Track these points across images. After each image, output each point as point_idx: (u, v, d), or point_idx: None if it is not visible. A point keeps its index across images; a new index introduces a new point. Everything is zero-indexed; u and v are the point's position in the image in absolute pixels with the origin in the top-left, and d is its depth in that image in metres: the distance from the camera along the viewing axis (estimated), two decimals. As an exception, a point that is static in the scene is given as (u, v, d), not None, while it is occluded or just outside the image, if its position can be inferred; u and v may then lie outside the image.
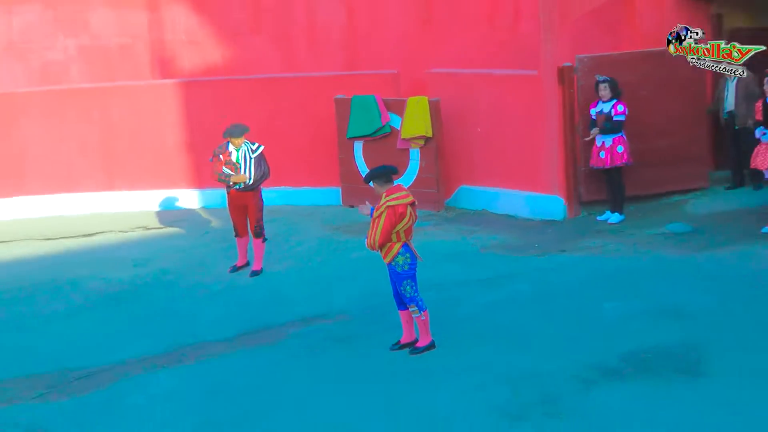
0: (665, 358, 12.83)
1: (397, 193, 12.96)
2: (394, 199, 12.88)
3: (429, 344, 13.38)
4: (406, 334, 13.56)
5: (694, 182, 18.77)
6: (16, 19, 22.84)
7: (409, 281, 13.11)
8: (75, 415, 12.64)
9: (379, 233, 12.89)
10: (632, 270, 15.91)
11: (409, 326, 13.49)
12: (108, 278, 17.23)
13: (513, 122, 18.99)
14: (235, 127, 17.20)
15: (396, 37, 21.64)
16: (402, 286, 13.11)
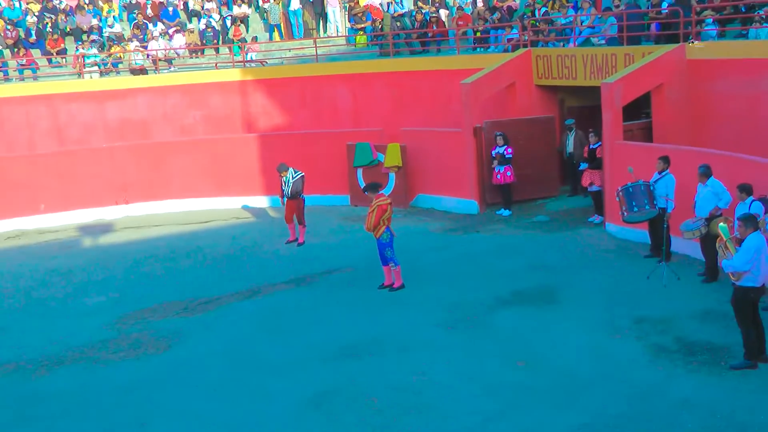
0: (534, 293, 13.03)
1: (382, 197, 13.39)
2: (382, 201, 13.27)
3: (400, 286, 13.49)
4: (387, 279, 13.60)
5: (550, 192, 18.71)
6: (167, 100, 22.63)
7: (389, 249, 13.36)
8: (197, 325, 12.80)
9: (373, 221, 13.19)
10: (516, 242, 15.98)
11: (388, 275, 13.58)
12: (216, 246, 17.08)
13: (448, 157, 18.88)
14: (280, 164, 17.26)
15: (381, 110, 21.54)
16: (384, 251, 13.37)
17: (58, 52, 24.81)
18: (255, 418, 9.38)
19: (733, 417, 8.60)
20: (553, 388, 9.58)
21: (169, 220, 19.84)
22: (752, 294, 9.59)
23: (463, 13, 22.48)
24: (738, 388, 9.22)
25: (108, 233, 19.31)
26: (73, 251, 17.86)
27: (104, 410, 9.88)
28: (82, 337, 12.45)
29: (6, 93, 22.39)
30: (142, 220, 20.05)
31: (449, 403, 9.38)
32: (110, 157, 21.06)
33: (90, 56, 24.29)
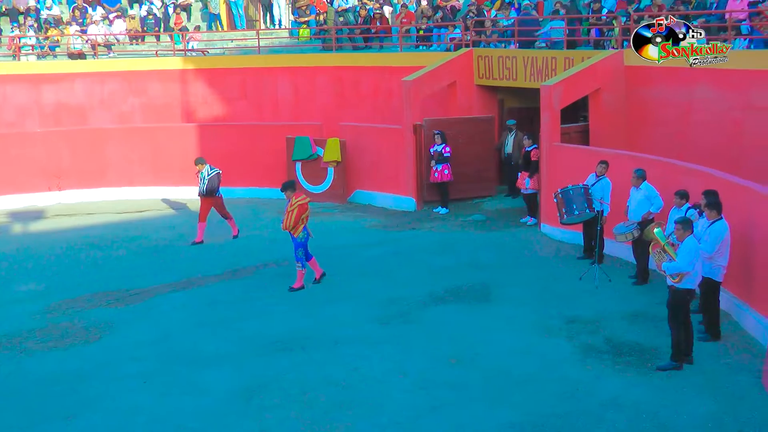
0: (469, 291, 13.06)
1: (301, 195, 13.13)
2: (302, 200, 12.97)
3: (300, 287, 13.15)
4: (317, 271, 13.49)
5: (487, 192, 18.78)
6: (106, 87, 22.18)
7: (302, 249, 13.05)
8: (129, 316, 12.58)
9: (293, 219, 12.85)
10: (452, 240, 15.98)
11: (316, 267, 13.42)
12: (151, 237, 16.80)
13: (386, 154, 18.89)
14: (198, 158, 16.80)
15: (321, 104, 21.46)
16: (297, 250, 13.05)
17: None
18: (185, 410, 9.24)
19: (657, 416, 8.73)
20: (485, 386, 9.62)
21: (104, 209, 19.46)
22: (689, 296, 9.79)
23: (407, 10, 22.47)
24: (663, 388, 9.36)
25: (40, 220, 18.87)
26: (2, 237, 17.43)
27: (29, 401, 9.64)
28: (9, 325, 12.17)
29: (-63, 73, 21.75)
30: (76, 208, 19.64)
31: (381, 398, 9.36)
32: (44, 142, 20.57)
33: (26, 38, 23.67)
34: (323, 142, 19.38)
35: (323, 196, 19.47)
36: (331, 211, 18.60)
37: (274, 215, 18.22)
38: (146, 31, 25.04)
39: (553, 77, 16.84)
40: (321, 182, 19.51)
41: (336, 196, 19.38)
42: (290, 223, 12.81)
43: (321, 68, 21.76)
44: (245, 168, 20.28)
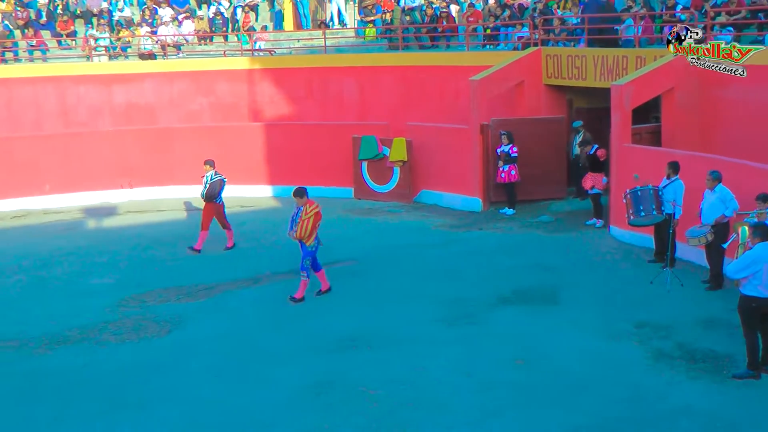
0: (535, 293, 13.02)
1: (314, 204, 12.58)
2: (316, 208, 12.53)
3: (301, 299, 12.76)
4: (323, 284, 13.08)
5: (555, 194, 18.66)
6: (174, 86, 22.66)
7: (309, 258, 12.59)
8: (198, 311, 12.85)
9: (309, 228, 12.40)
10: (518, 241, 15.99)
11: (323, 279, 13.03)
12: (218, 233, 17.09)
13: (453, 154, 18.91)
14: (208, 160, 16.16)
15: (387, 104, 21.57)
16: (304, 259, 12.55)
17: (67, 34, 24.87)
18: (254, 404, 9.42)
19: (734, 427, 8.55)
20: (551, 388, 9.58)
21: (173, 206, 19.90)
22: (754, 303, 9.43)
23: (474, 9, 22.49)
24: (740, 398, 9.17)
25: (112, 216, 19.42)
26: (76, 232, 17.98)
27: (104, 391, 9.89)
28: (84, 317, 12.52)
29: (15, 73, 22.47)
30: (146, 205, 20.14)
31: (446, 398, 9.40)
32: (116, 140, 21.15)
33: (100, 39, 24.32)
34: (389, 142, 19.53)
35: (389, 195, 19.65)
36: (397, 211, 18.77)
37: (340, 214, 18.54)
38: (214, 32, 25.51)
39: (624, 76, 16.69)
40: (387, 182, 19.69)
41: (401, 195, 19.53)
42: (306, 232, 12.40)
43: (387, 68, 21.83)
44: (311, 167, 20.53)
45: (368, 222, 17.97)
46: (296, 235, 12.46)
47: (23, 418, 9.32)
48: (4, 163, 20.32)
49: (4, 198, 20.11)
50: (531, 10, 21.36)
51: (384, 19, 23.92)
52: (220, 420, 9.11)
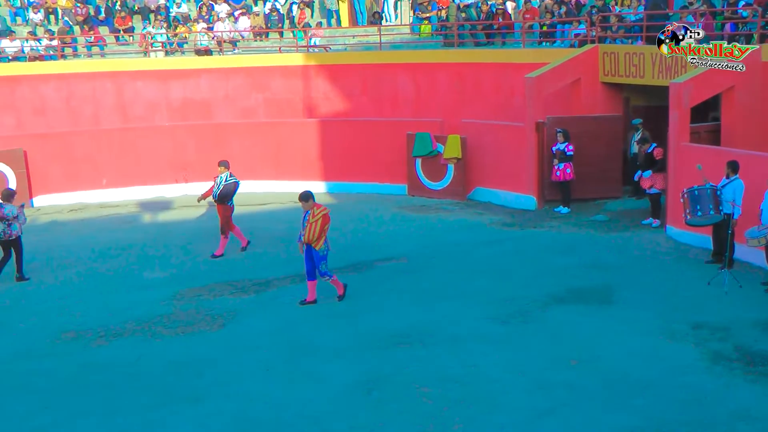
0: (590, 292, 12.93)
1: (321, 206, 12.37)
2: (324, 210, 12.30)
3: (343, 293, 12.83)
4: (311, 294, 12.71)
5: (611, 193, 18.52)
6: (230, 82, 22.89)
7: (324, 262, 12.39)
8: (251, 305, 13.02)
9: (317, 231, 12.14)
10: (573, 240, 15.90)
11: (313, 290, 12.69)
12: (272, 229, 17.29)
13: (507, 151, 18.86)
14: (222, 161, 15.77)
15: (441, 101, 21.54)
16: (319, 264, 12.34)
17: (125, 30, 25.28)
18: (305, 399, 9.50)
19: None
20: (605, 389, 9.49)
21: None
22: None
23: (530, 6, 22.35)
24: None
25: (166, 210, 19.71)
26: (132, 226, 18.30)
27: (158, 383, 10.08)
28: (139, 310, 12.75)
29: (74, 68, 22.91)
30: (201, 200, 20.35)
31: (499, 397, 9.37)
32: (172, 135, 21.47)
33: (157, 35, 24.68)
34: (444, 139, 19.53)
35: (443, 193, 19.64)
36: (451, 208, 18.76)
37: (394, 211, 18.60)
38: (270, 28, 25.71)
39: (684, 74, 16.45)
40: (441, 179, 19.68)
41: (455, 193, 19.51)
42: (314, 235, 12.14)
43: (442, 64, 21.81)
44: (365, 163, 20.65)
45: (421, 219, 17.98)
46: (304, 239, 12.24)
47: (79, 408, 9.54)
48: (63, 158, 20.76)
49: (62, 191, 20.54)
50: (588, 7, 21.16)
51: (440, 16, 23.89)
52: (271, 415, 9.20)
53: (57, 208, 20.13)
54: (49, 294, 13.88)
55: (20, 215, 14.40)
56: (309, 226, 12.14)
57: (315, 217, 12.15)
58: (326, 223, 12.24)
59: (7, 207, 14.26)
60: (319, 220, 12.13)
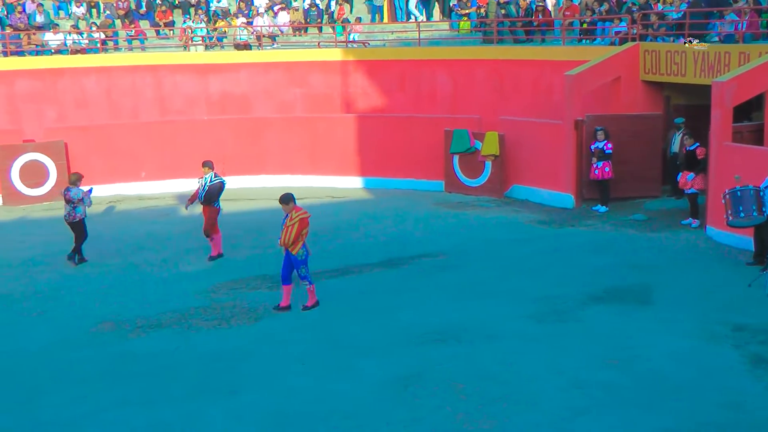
0: (627, 292, 12.81)
1: (301, 210, 12.06)
2: (303, 214, 11.99)
3: (314, 303, 12.37)
4: (285, 300, 12.40)
5: (650, 192, 18.34)
6: (269, 77, 22.97)
7: (303, 266, 12.06)
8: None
9: (293, 235, 11.84)
10: (611, 240, 15.78)
11: (287, 296, 12.38)
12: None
13: (545, 149, 18.77)
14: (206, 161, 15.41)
15: (479, 97, 21.44)
16: (299, 269, 12.03)
17: (166, 24, 25.48)
18: (340, 394, 9.51)
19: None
20: (642, 389, 9.39)
21: (264, 195, 20.20)
22: None
23: (571, 3, 22.16)
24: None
25: (204, 204, 19.80)
26: (170, 219, 18.47)
27: (194, 375, 10.17)
28: (177, 302, 12.87)
29: (115, 62, 23.13)
30: (238, 193, 20.46)
31: (535, 396, 9.30)
32: (210, 129, 21.58)
33: (197, 30, 24.84)
34: (481, 136, 19.46)
35: (480, 190, 19.58)
36: (487, 206, 18.70)
37: (430, 208, 18.59)
38: (309, 23, 25.77)
39: (726, 73, 16.22)
40: (478, 176, 19.61)
41: (492, 190, 19.43)
42: (290, 239, 11.84)
43: (480, 61, 21.73)
44: (402, 159, 20.64)
45: (458, 216, 17.93)
46: (280, 242, 11.96)
47: (117, 398, 9.62)
48: (103, 150, 20.98)
49: (102, 183, 20.73)
50: (629, 5, 20.93)
51: (479, 12, 23.78)
52: (307, 409, 9.21)
53: (96, 200, 20.03)
54: (87, 284, 14.07)
55: (85, 199, 15.05)
56: (285, 229, 11.85)
57: (292, 220, 11.84)
58: (303, 227, 11.90)
59: (73, 190, 14.97)
60: (296, 224, 11.81)
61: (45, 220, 19.01)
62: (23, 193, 20.46)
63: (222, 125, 21.76)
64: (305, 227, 11.97)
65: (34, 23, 24.68)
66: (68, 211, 15.01)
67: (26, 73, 22.18)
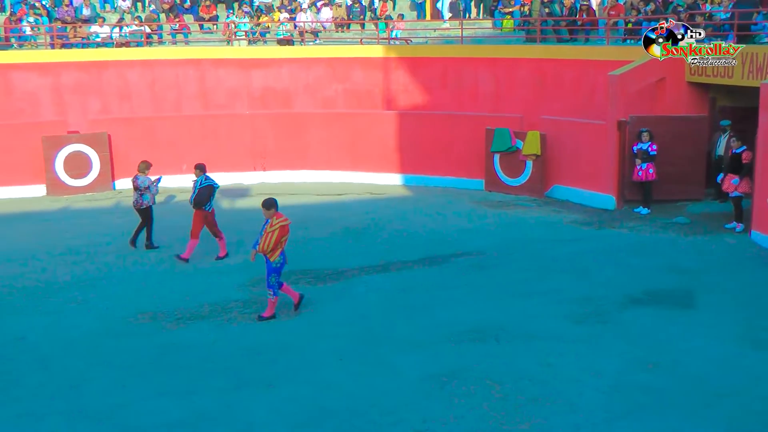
0: (669, 295, 12.69)
1: (282, 217, 11.71)
2: (284, 221, 11.67)
3: (270, 316, 11.89)
4: (294, 297, 12.22)
5: (694, 195, 18.15)
6: (311, 72, 23.01)
7: (275, 275, 11.71)
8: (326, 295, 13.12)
9: (272, 242, 11.50)
10: (652, 242, 15.64)
11: (291, 292, 12.16)
12: (348, 220, 17.36)
13: (587, 150, 18.64)
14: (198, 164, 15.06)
15: (522, 96, 21.30)
16: (269, 276, 11.71)
17: (209, 18, 25.65)
18: (378, 390, 9.50)
19: None
20: (683, 394, 9.27)
21: (304, 190, 20.31)
22: None
23: (616, 2, 21.96)
24: None
25: (244, 197, 19.96)
26: (210, 212, 18.51)
27: (233, 368, 10.20)
28: (215, 295, 12.94)
29: (159, 55, 23.32)
30: (278, 188, 20.60)
31: (574, 397, 9.22)
32: (251, 123, 21.71)
33: (240, 24, 24.98)
34: (523, 135, 19.37)
35: (520, 189, 19.48)
36: (528, 205, 18.61)
37: (470, 206, 18.54)
38: (352, 19, 25.80)
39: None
40: (519, 175, 19.53)
41: (533, 190, 19.33)
42: (269, 246, 11.50)
43: (523, 60, 21.58)
44: (442, 157, 20.62)
45: (498, 215, 17.86)
46: (259, 248, 11.61)
47: (157, 387, 9.71)
48: (145, 142, 21.18)
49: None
50: (675, 5, 20.68)
51: (522, 11, 23.65)
52: (344, 404, 9.21)
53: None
54: (127, 275, 14.20)
55: (151, 187, 15.48)
56: (265, 235, 11.56)
57: (273, 227, 11.54)
58: (283, 234, 11.61)
59: (141, 177, 15.40)
60: (276, 231, 11.52)
61: (87, 210, 19.27)
62: (67, 183, 20.74)
63: (263, 120, 21.88)
64: (285, 234, 11.65)
65: (80, 16, 25.00)
66: (135, 197, 15.46)
67: (72, 65, 22.45)
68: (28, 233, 17.17)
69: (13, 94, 22.07)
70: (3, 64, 21.97)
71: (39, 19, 24.48)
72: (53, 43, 23.46)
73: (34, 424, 8.86)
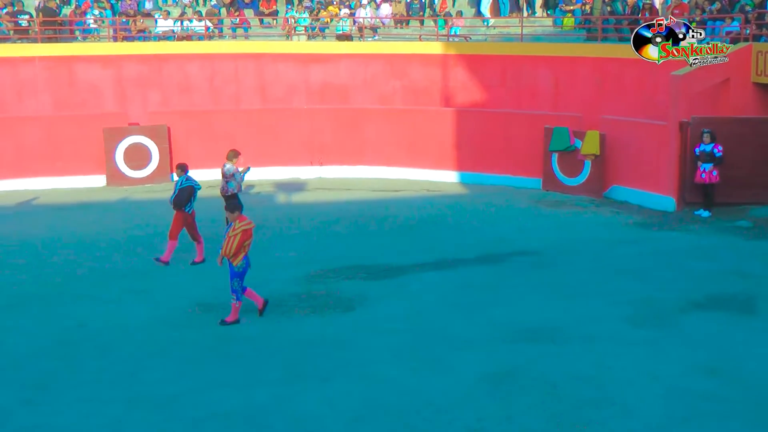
0: (731, 300, 12.40)
1: (245, 220, 11.52)
2: (246, 225, 11.47)
3: (234, 321, 11.61)
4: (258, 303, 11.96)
5: (759, 198, 17.76)
6: (369, 68, 23.04)
7: (238, 279, 11.49)
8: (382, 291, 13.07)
9: (234, 247, 11.29)
10: (713, 245, 15.37)
11: (254, 297, 11.90)
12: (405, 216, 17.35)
13: (648, 150, 18.39)
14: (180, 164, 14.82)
15: (582, 96, 21.06)
16: (232, 280, 11.50)
17: (269, 13, 25.84)
18: (433, 387, 9.44)
19: None
20: (746, 402, 9.01)
21: (361, 185, 20.38)
22: None
23: (680, 1, 21.60)
24: None
25: (301, 192, 20.09)
26: (267, 206, 18.76)
27: (289, 361, 10.23)
28: (272, 288, 12.94)
29: (219, 49, 23.56)
30: (335, 183, 20.72)
31: (632, 401, 9.04)
32: (309, 118, 21.85)
33: (300, 20, 25.12)
34: (582, 135, 19.19)
35: (578, 189, 19.30)
36: (586, 205, 18.44)
37: (528, 205, 18.42)
38: (411, 15, 25.77)
39: None
40: (577, 175, 19.36)
41: (591, 190, 19.14)
42: (231, 251, 11.29)
43: (583, 58, 21.28)
44: (500, 155, 20.51)
45: (556, 214, 17.74)
46: (221, 253, 11.44)
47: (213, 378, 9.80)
48: (204, 135, 21.43)
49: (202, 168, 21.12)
50: (743, 4, 20.27)
51: (583, 9, 23.40)
52: (397, 400, 9.17)
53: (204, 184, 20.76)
54: (185, 265, 14.35)
55: (236, 175, 15.55)
56: (227, 239, 11.34)
57: (235, 230, 11.34)
58: (246, 239, 11.40)
59: (227, 165, 15.53)
60: (238, 235, 11.31)
61: (146, 201, 19.56)
62: (126, 174, 21.09)
63: (321, 114, 21.99)
64: (248, 239, 11.46)
65: (143, 10, 25.36)
66: (222, 185, 15.65)
67: (133, 58, 22.79)
68: (89, 222, 17.51)
69: (76, 86, 22.49)
70: (67, 56, 22.41)
71: (103, 12, 24.92)
72: (116, 36, 23.84)
73: (94, 410, 9.03)
